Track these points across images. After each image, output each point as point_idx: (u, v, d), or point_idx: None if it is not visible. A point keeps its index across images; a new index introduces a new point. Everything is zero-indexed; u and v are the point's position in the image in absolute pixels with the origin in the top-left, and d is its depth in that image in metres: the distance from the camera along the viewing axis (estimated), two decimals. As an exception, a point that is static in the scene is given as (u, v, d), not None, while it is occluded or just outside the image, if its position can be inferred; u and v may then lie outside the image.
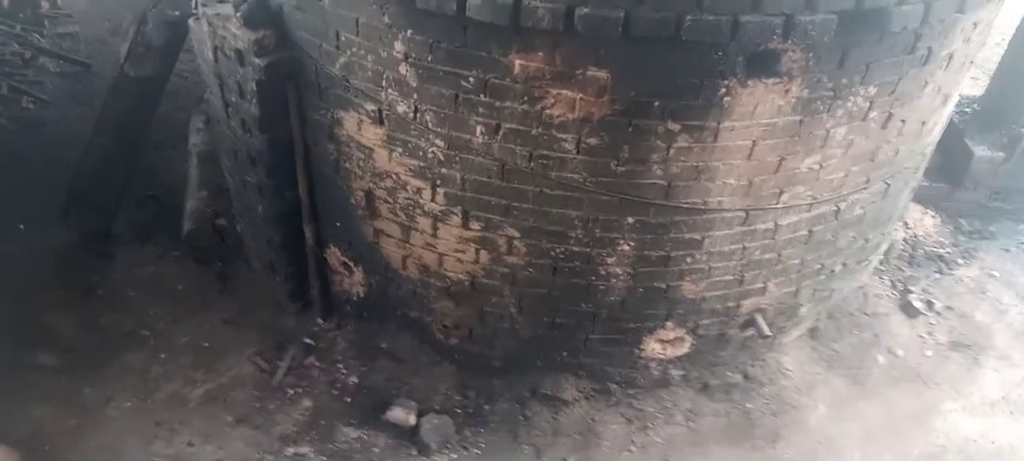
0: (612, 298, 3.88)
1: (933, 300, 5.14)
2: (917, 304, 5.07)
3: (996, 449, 4.38)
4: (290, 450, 4.06)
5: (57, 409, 4.11)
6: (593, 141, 3.15)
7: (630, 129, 3.10)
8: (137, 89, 4.92)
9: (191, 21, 3.98)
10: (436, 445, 4.12)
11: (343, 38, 3.30)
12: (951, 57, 3.43)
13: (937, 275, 5.34)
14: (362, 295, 4.53)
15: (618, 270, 3.72)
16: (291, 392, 4.37)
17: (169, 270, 5.01)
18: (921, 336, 4.96)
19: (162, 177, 5.66)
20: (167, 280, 4.95)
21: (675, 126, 3.08)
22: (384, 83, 3.30)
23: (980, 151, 5.43)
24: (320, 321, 4.71)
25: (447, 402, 4.36)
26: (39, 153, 5.88)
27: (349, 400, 4.36)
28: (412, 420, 4.20)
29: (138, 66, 4.78)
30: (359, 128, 3.58)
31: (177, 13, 4.49)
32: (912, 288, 5.19)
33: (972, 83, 4.76)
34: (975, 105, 5.66)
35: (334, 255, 4.44)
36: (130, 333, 4.60)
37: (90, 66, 6.81)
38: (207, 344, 4.59)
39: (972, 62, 3.82)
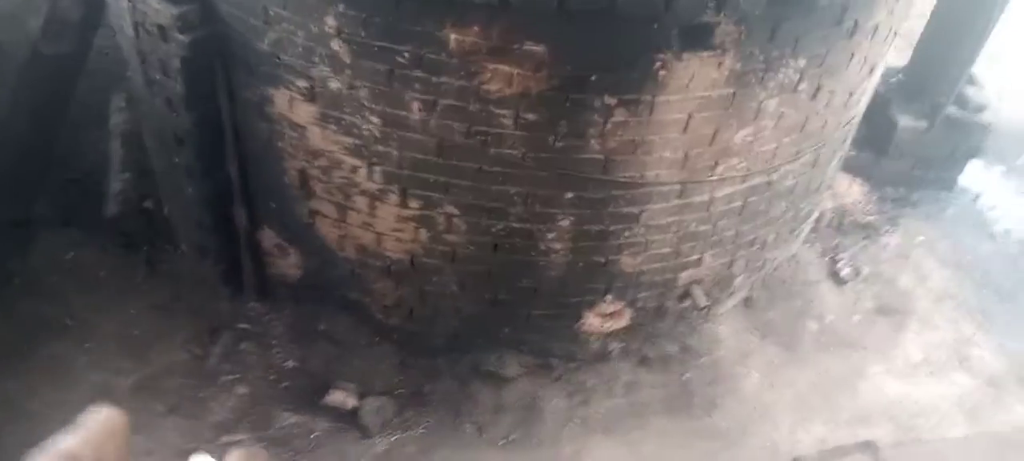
0: (552, 274, 3.89)
1: (860, 267, 5.32)
2: (845, 271, 5.24)
3: (919, 408, 4.58)
4: (225, 438, 3.95)
5: (-26, 404, 3.92)
6: (531, 116, 3.13)
7: (567, 104, 3.09)
8: (53, 67, 4.67)
9: (108, -6, 3.79)
10: (377, 427, 4.07)
11: (272, 13, 3.18)
12: (876, 28, 3.52)
13: (864, 242, 5.53)
14: (298, 277, 4.43)
15: (558, 246, 3.73)
16: (226, 379, 4.24)
17: (92, 256, 4.78)
18: (849, 302, 5.13)
19: (83, 159, 5.39)
20: (90, 266, 4.73)
21: (612, 100, 3.09)
22: (316, 59, 3.20)
23: (904, 121, 5.60)
24: (255, 305, 4.58)
25: (388, 383, 4.31)
26: (-53, 136, 5.54)
27: (287, 385, 4.27)
28: (352, 403, 4.14)
29: (54, 43, 4.53)
30: (291, 106, 3.47)
31: (94, -14, 4.28)
32: (841, 256, 5.35)
33: (896, 54, 4.90)
34: (900, 75, 5.84)
35: (268, 237, 4.32)
36: (52, 322, 4.38)
37: (0, 43, 6.43)
38: (135, 332, 4.41)
39: (896, 33, 3.93)
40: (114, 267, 4.75)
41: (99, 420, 0.66)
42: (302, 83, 3.33)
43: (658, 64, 2.97)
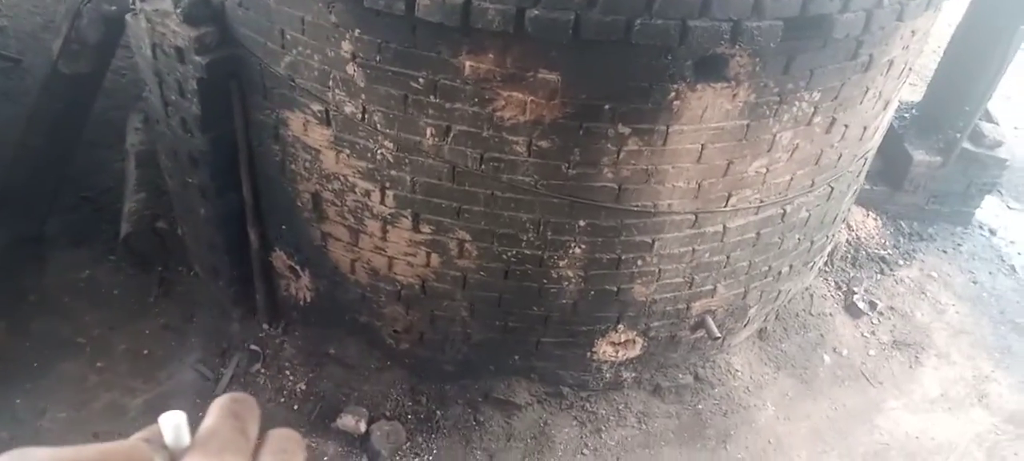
0: (564, 301, 3.87)
1: (875, 300, 5.27)
2: (860, 304, 5.19)
3: (936, 445, 4.51)
4: None
5: (-15, 421, 3.93)
6: (544, 144, 3.13)
7: (581, 132, 3.09)
8: (71, 87, 4.72)
9: (128, 16, 3.83)
10: (387, 452, 4.05)
11: (289, 36, 3.22)
12: (891, 63, 3.50)
13: (879, 276, 5.48)
14: (309, 300, 4.43)
15: (570, 273, 3.71)
16: (236, 400, 4.24)
17: (105, 275, 4.82)
18: (864, 336, 5.08)
19: (98, 178, 5.45)
20: (103, 285, 4.76)
21: (625, 129, 3.08)
22: (331, 83, 3.23)
23: (919, 155, 5.59)
24: (266, 327, 4.59)
25: (398, 408, 4.29)
26: (-34, 153, 5.61)
27: (297, 408, 4.26)
28: (362, 427, 4.13)
29: (72, 63, 4.59)
30: (305, 129, 3.49)
31: (113, 8, 4.32)
32: (855, 289, 5.31)
33: (911, 89, 4.90)
34: (913, 110, 5.83)
35: (280, 259, 4.33)
36: (65, 341, 4.41)
37: (21, 62, 6.52)
38: (147, 351, 4.43)
39: (911, 69, 3.92)
40: (127, 286, 4.78)
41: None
42: (317, 107, 3.35)
43: (672, 94, 2.97)
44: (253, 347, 4.49)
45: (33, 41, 6.85)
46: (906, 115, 5.79)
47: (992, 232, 6.07)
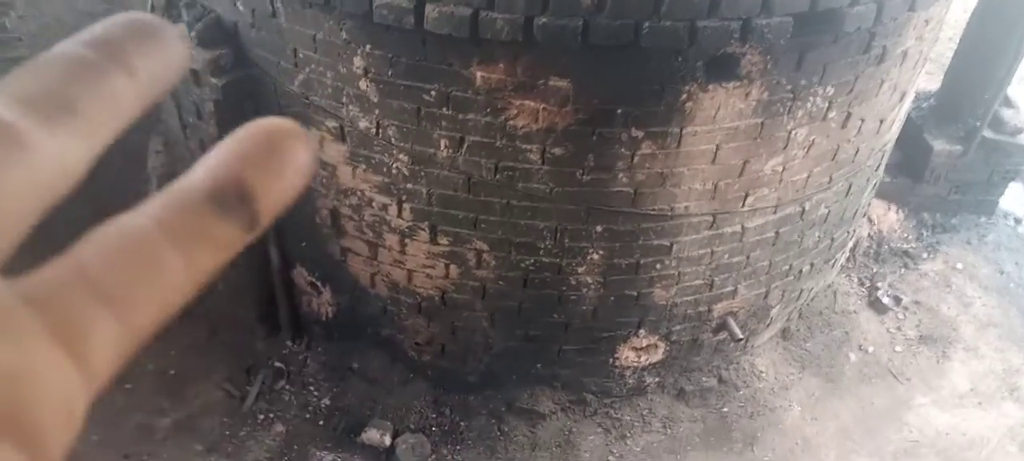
0: (584, 307, 3.86)
1: (900, 295, 5.20)
2: (885, 300, 5.12)
3: (968, 441, 4.43)
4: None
5: (17, 447, 3.98)
6: (558, 151, 3.14)
7: (594, 137, 3.09)
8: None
9: (146, 43, 3.90)
10: (413, 465, 4.07)
11: (301, 55, 3.26)
12: (905, 54, 3.47)
13: (903, 270, 5.41)
14: (331, 315, 4.46)
15: (589, 279, 3.71)
16: (262, 417, 4.28)
17: (131, 297, 4.88)
18: (890, 332, 5.02)
19: (122, 202, 5.53)
20: (130, 307, 4.82)
21: (639, 133, 3.08)
22: (344, 99, 3.26)
23: (939, 145, 5.51)
24: (289, 343, 4.62)
25: (422, 420, 4.30)
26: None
27: (322, 423, 4.28)
28: (388, 441, 4.14)
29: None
30: (321, 145, 3.53)
31: (131, 35, 4.40)
32: (879, 284, 5.24)
33: (927, 78, 4.84)
34: (932, 100, 5.75)
35: (301, 275, 4.37)
36: (92, 364, 4.47)
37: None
38: (173, 371, 4.48)
39: (926, 59, 3.88)
40: (152, 308, 4.83)
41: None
42: (332, 123, 3.39)
43: (684, 96, 2.97)
44: (277, 363, 4.53)
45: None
46: (924, 105, 5.72)
47: (1018, 221, 5.96)
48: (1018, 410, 4.61)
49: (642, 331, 4.08)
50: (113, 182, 5.67)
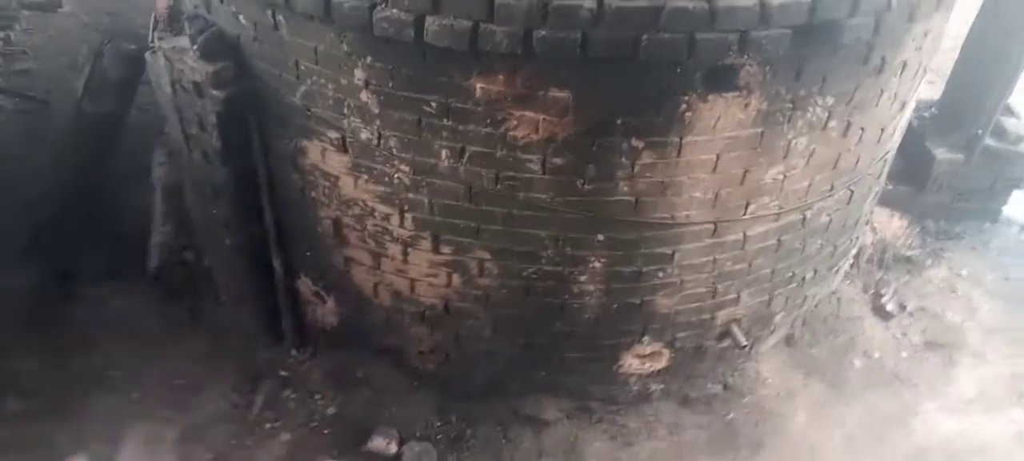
0: (587, 316, 3.87)
1: (905, 301, 5.19)
2: (890, 306, 5.11)
3: (976, 447, 4.42)
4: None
5: (25, 457, 4.01)
6: (558, 161, 3.15)
7: (594, 148, 3.10)
8: (96, 125, 4.85)
9: (148, 55, 3.94)
10: (418, 473, 4.08)
11: (303, 67, 3.28)
12: (905, 65, 3.47)
13: (907, 277, 5.39)
14: (335, 324, 4.48)
15: (591, 287, 3.72)
16: (268, 426, 4.30)
17: (137, 307, 4.91)
18: (896, 338, 5.00)
19: (127, 213, 5.56)
20: (135, 317, 4.85)
21: (639, 143, 3.09)
22: (346, 111, 3.28)
23: (941, 154, 5.50)
24: (294, 352, 4.64)
25: (428, 429, 4.32)
26: (-3, 193, 5.77)
27: (328, 432, 4.30)
28: (393, 449, 4.16)
29: (96, 102, 4.71)
30: (323, 156, 3.55)
31: (133, 47, 4.43)
32: (884, 291, 5.23)
33: (929, 87, 4.83)
34: (933, 109, 5.74)
35: (305, 285, 4.39)
36: (99, 374, 4.50)
37: (48, 103, 6.68)
38: (180, 382, 4.50)
39: (926, 69, 3.88)
40: (157, 318, 4.87)
41: None
42: (334, 134, 3.41)
43: (683, 106, 2.97)
44: (283, 373, 4.55)
45: (59, 82, 7.00)
46: (926, 114, 5.71)
47: (1022, 228, 5.94)
48: (1026, 416, 4.59)
49: (646, 338, 4.08)
50: (118, 193, 5.73)
